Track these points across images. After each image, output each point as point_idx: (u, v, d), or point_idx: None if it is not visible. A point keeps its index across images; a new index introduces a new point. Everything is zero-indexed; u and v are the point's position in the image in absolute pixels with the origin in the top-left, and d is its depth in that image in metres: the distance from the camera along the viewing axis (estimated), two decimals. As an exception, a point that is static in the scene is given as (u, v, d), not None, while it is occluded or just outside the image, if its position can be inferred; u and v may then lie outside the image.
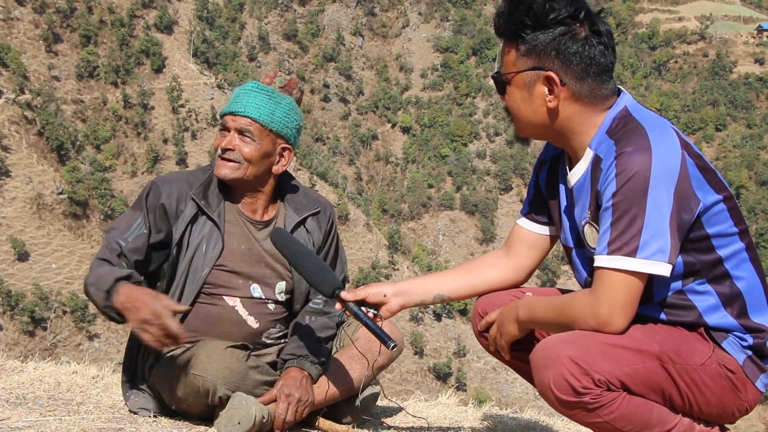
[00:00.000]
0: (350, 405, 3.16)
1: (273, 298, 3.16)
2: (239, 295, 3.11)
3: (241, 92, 3.12)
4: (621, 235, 2.21)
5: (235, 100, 3.10)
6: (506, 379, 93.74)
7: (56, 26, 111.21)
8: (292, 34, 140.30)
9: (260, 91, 3.09)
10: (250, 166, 3.06)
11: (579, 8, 2.33)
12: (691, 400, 2.29)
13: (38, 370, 3.78)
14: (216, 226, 3.07)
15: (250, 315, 3.12)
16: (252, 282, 3.12)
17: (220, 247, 3.06)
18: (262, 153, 3.08)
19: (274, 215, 3.19)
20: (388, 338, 2.58)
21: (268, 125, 3.07)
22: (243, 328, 3.11)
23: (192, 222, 3.06)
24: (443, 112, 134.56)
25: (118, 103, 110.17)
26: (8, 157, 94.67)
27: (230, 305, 3.10)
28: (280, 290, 3.17)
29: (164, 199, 3.04)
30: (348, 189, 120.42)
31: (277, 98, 3.11)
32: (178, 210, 3.05)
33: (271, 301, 3.16)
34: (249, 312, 3.12)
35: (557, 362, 2.21)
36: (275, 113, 3.08)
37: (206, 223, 3.07)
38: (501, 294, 2.71)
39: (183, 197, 3.07)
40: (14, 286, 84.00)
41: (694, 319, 2.34)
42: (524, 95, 2.40)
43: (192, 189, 3.09)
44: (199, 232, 3.06)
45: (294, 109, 3.15)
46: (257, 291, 3.13)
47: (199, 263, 3.05)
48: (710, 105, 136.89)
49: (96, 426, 2.94)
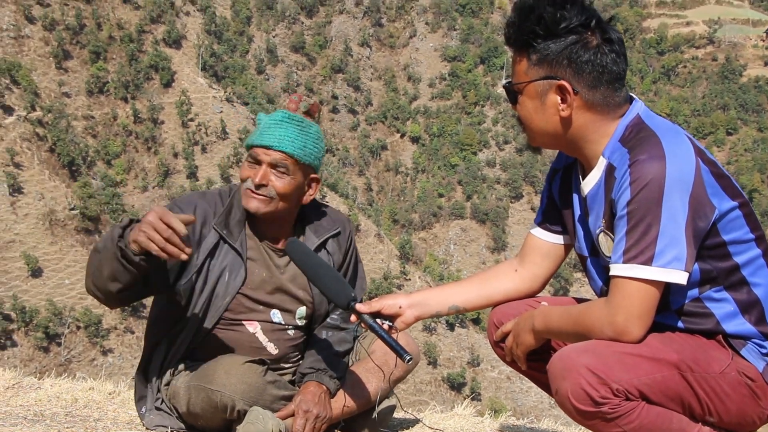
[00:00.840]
0: (367, 418, 3.15)
1: (293, 324, 3.15)
2: (259, 319, 3.10)
3: (271, 123, 3.04)
4: (636, 243, 2.20)
5: (267, 132, 3.02)
6: (521, 389, 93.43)
7: (66, 43, 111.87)
8: (300, 46, 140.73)
9: (291, 122, 3.02)
10: (281, 201, 3.01)
11: (590, 17, 2.32)
12: (711, 408, 2.27)
13: (55, 387, 3.79)
14: (239, 255, 3.04)
15: (269, 341, 3.11)
16: (272, 308, 3.12)
17: (242, 276, 3.04)
18: (295, 187, 3.03)
19: None
20: (403, 351, 2.58)
21: (301, 159, 3.01)
22: (262, 354, 3.09)
23: (213, 250, 3.03)
24: (452, 121, 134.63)
25: (128, 118, 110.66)
26: (20, 174, 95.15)
27: (250, 331, 3.10)
28: (300, 315, 3.16)
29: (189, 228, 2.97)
30: (358, 200, 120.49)
31: (306, 128, 3.05)
32: (201, 236, 3.02)
33: (290, 327, 3.15)
34: (269, 338, 3.11)
35: (575, 372, 2.20)
36: (307, 145, 3.03)
37: (228, 252, 3.04)
38: (516, 304, 2.70)
39: (206, 223, 3.03)
40: (28, 303, 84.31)
41: (712, 326, 2.32)
42: (536, 105, 2.40)
43: (214, 217, 3.05)
44: (221, 261, 3.03)
45: (321, 138, 3.11)
46: (277, 316, 3.12)
47: (221, 291, 3.03)
48: (720, 109, 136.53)
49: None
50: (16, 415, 3.27)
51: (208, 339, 3.07)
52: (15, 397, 3.60)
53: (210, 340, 3.08)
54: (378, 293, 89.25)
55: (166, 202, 27.87)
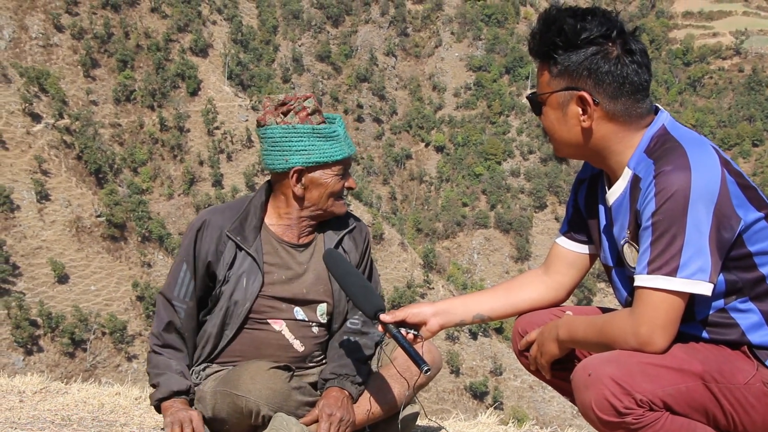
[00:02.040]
0: (391, 425, 3.17)
1: (316, 321, 3.21)
2: (284, 317, 3.16)
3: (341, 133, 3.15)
4: (661, 254, 2.20)
5: (344, 141, 3.15)
6: (543, 398, 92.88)
7: (94, 51, 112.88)
8: (326, 55, 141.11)
9: (341, 126, 3.16)
10: None
11: (611, 27, 2.33)
12: (736, 419, 2.26)
13: (82, 392, 3.83)
14: (254, 259, 3.12)
15: (296, 339, 3.17)
16: (295, 306, 3.17)
17: (260, 281, 3.11)
18: None
19: (313, 238, 3.24)
20: (423, 362, 2.60)
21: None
22: (289, 352, 3.16)
23: (233, 261, 3.12)
24: (477, 130, 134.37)
25: (154, 126, 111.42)
26: (48, 181, 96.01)
27: (276, 330, 3.15)
28: (321, 312, 3.22)
29: (204, 248, 3.12)
30: (382, 209, 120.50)
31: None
32: (218, 253, 3.12)
33: (314, 324, 3.20)
34: (295, 336, 3.17)
35: (599, 382, 2.20)
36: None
37: (245, 258, 3.12)
38: (541, 313, 2.70)
39: (221, 238, 3.13)
40: (54, 308, 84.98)
41: (737, 337, 2.32)
42: (559, 116, 2.41)
43: (227, 225, 3.14)
44: (239, 267, 3.12)
45: None
46: (300, 314, 3.18)
47: (240, 297, 3.10)
48: (746, 120, 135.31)
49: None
50: (43, 420, 3.31)
51: (236, 340, 3.14)
52: (43, 401, 3.64)
53: (238, 340, 3.14)
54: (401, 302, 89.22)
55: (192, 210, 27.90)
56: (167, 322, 3.12)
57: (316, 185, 3.13)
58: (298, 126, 3.09)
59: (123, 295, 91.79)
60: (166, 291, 3.15)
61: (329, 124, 3.14)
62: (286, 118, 3.12)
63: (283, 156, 3.11)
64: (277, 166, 3.13)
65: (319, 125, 3.11)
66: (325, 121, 3.15)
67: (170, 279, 3.16)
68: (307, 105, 3.13)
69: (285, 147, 3.10)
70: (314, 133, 3.10)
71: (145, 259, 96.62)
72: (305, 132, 3.09)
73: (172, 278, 3.15)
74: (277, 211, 3.20)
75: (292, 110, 3.12)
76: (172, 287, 3.13)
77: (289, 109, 3.13)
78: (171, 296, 3.13)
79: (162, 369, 3.08)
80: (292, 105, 3.13)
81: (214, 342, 3.13)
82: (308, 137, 3.10)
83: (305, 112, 3.12)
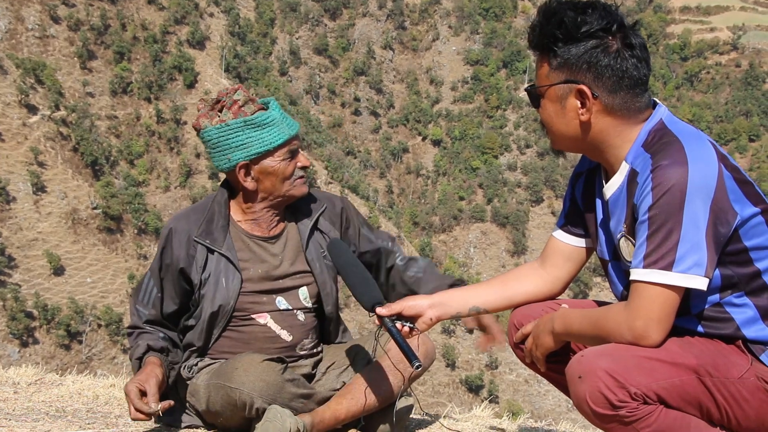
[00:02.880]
0: (385, 416, 3.17)
1: (300, 306, 3.21)
2: (267, 309, 3.16)
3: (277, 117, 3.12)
4: (657, 248, 2.20)
5: (282, 123, 3.12)
6: (538, 392, 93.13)
7: (90, 43, 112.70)
8: (323, 48, 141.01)
9: (278, 108, 3.15)
10: None
11: (611, 21, 2.32)
12: (729, 413, 2.27)
13: (77, 384, 3.83)
14: (227, 259, 3.12)
15: (282, 329, 3.17)
16: (276, 296, 3.18)
17: (239, 278, 3.12)
18: None
19: (283, 227, 3.24)
20: (414, 357, 2.60)
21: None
22: (277, 342, 3.17)
23: (205, 263, 3.12)
24: (474, 124, 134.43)
25: (151, 118, 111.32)
26: (44, 172, 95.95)
27: (262, 323, 3.16)
28: (304, 296, 3.22)
29: (175, 255, 3.13)
30: (379, 202, 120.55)
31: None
32: (189, 258, 3.12)
33: (299, 311, 3.21)
34: (281, 326, 3.17)
35: (593, 375, 2.20)
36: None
37: (219, 259, 3.12)
38: (537, 306, 2.71)
39: (190, 244, 3.13)
40: (50, 300, 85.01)
41: (732, 331, 2.32)
42: (557, 108, 2.41)
43: (194, 230, 3.14)
44: (214, 269, 3.12)
45: None
46: (283, 303, 3.18)
47: (223, 298, 3.10)
48: (743, 115, 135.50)
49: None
50: (38, 411, 3.31)
51: (223, 338, 3.16)
52: (37, 393, 3.64)
53: (225, 339, 3.16)
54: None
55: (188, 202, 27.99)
56: (136, 319, 3.18)
57: (266, 174, 3.11)
58: (230, 122, 3.07)
59: (119, 288, 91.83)
60: (134, 296, 3.22)
61: (264, 111, 3.12)
62: (221, 115, 3.10)
63: (225, 155, 3.10)
64: (223, 166, 3.13)
65: (253, 115, 3.08)
66: (263, 107, 3.13)
67: (139, 285, 3.22)
68: (237, 97, 3.10)
69: (224, 146, 3.09)
70: (248, 125, 3.08)
71: (141, 251, 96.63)
72: (238, 126, 3.07)
73: (141, 284, 3.21)
74: (240, 206, 3.20)
75: (225, 106, 3.11)
76: (140, 294, 3.19)
77: (222, 106, 3.11)
78: (136, 301, 3.19)
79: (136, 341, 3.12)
80: (224, 101, 3.12)
81: (203, 343, 3.14)
82: (242, 130, 3.08)
83: (237, 105, 3.09)
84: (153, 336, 3.12)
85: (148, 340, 3.09)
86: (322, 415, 3.01)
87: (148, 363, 3.01)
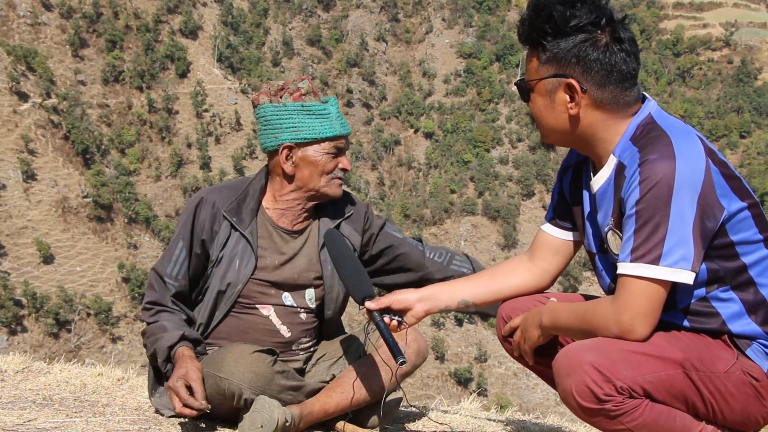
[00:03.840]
0: (373, 410, 3.17)
1: (304, 306, 3.21)
2: (272, 302, 3.17)
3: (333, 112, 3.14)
4: (644, 242, 2.21)
5: (336, 120, 3.14)
6: (527, 385, 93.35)
7: (82, 31, 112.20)
8: (316, 39, 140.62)
9: (334, 105, 3.15)
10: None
11: (600, 15, 2.33)
12: (715, 407, 2.28)
13: (64, 372, 3.82)
14: (248, 243, 3.12)
15: (283, 324, 3.18)
16: (284, 292, 3.18)
17: (253, 264, 3.12)
18: None
19: (308, 225, 3.24)
20: (399, 353, 2.60)
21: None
22: (275, 337, 3.17)
23: (226, 241, 3.12)
24: (466, 117, 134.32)
25: (142, 107, 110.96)
26: (35, 160, 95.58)
27: (264, 314, 3.17)
28: (309, 297, 3.22)
29: (200, 225, 3.12)
30: (370, 194, 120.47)
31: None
32: (213, 232, 3.12)
33: (302, 310, 3.21)
34: (282, 321, 3.18)
35: (579, 369, 2.21)
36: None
37: (240, 240, 3.13)
38: (525, 299, 2.71)
39: (217, 217, 3.13)
40: (39, 289, 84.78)
41: (718, 326, 2.33)
42: (546, 102, 2.42)
43: (225, 205, 3.14)
44: (232, 248, 3.12)
45: None
46: (289, 299, 3.19)
47: (233, 278, 3.11)
48: (734, 112, 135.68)
49: (121, 427, 2.98)
50: (25, 399, 3.30)
51: (223, 323, 3.16)
52: (24, 381, 3.63)
53: (225, 323, 3.16)
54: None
55: (179, 192, 27.84)
56: (159, 294, 3.11)
57: (307, 163, 3.13)
58: (288, 104, 3.12)
59: (108, 277, 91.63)
60: (159, 268, 3.14)
61: (322, 104, 3.15)
62: (282, 98, 3.14)
63: (274, 134, 3.13)
64: (268, 145, 3.15)
65: (311, 103, 3.12)
66: (321, 101, 3.16)
67: (165, 256, 3.15)
68: (301, 86, 3.15)
69: (276, 125, 3.12)
70: (303, 110, 3.11)
71: (131, 240, 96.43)
72: (295, 109, 3.11)
73: (167, 255, 3.14)
74: (273, 194, 3.20)
75: (288, 92, 3.15)
76: (166, 265, 3.12)
77: (285, 92, 3.16)
78: (163, 273, 3.12)
79: (159, 331, 3.04)
80: (288, 87, 3.16)
81: (205, 323, 3.15)
82: (298, 114, 3.11)
83: (299, 92, 3.14)
84: (176, 318, 3.08)
85: (176, 325, 3.05)
86: (311, 407, 3.02)
87: (185, 357, 2.97)
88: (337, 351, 3.26)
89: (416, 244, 3.41)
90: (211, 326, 3.15)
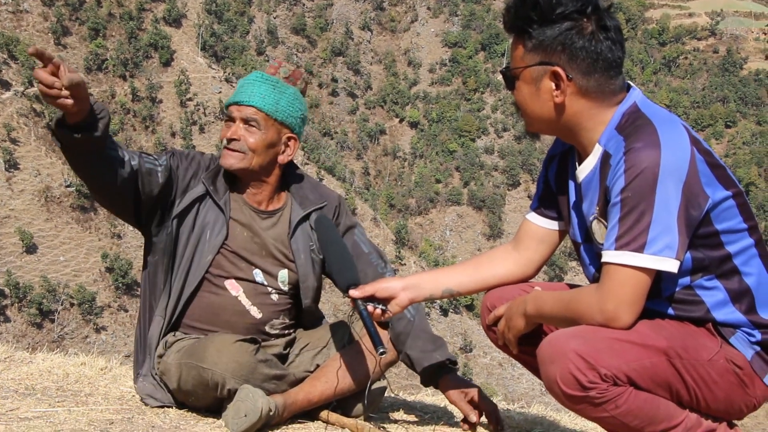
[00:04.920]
0: (359, 399, 3.16)
1: (276, 287, 3.19)
2: (242, 277, 3.14)
3: (245, 83, 3.15)
4: (629, 230, 2.20)
5: (240, 90, 3.14)
6: (512, 375, 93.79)
7: (65, 19, 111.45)
8: (301, 28, 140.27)
9: (265, 81, 3.13)
10: (255, 155, 3.10)
11: (586, 3, 2.32)
12: (699, 395, 2.29)
13: (47, 362, 3.79)
14: (221, 211, 3.12)
15: (253, 305, 3.16)
16: (254, 267, 3.17)
17: (224, 233, 3.11)
18: (267, 142, 3.11)
19: (280, 206, 3.23)
20: (379, 343, 2.60)
21: (272, 114, 3.10)
22: (246, 318, 3.15)
23: (198, 202, 3.11)
24: (451, 107, 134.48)
25: (126, 96, 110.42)
26: (17, 149, 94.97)
27: (233, 295, 3.14)
28: (282, 278, 3.20)
29: (181, 170, 3.11)
30: (355, 183, 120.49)
31: (282, 88, 3.14)
32: (189, 185, 3.12)
33: (274, 291, 3.19)
34: (252, 302, 3.16)
35: (564, 357, 2.21)
36: (280, 102, 3.12)
37: (212, 208, 3.12)
38: (510, 288, 2.71)
39: (196, 175, 3.14)
40: (22, 279, 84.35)
41: (702, 314, 2.33)
42: (532, 90, 2.41)
43: (204, 172, 3.15)
44: (204, 217, 3.11)
45: (298, 99, 3.19)
46: (259, 276, 3.17)
47: (204, 248, 3.10)
48: (720, 101, 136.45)
49: (104, 417, 2.96)
50: (7, 388, 3.28)
51: (194, 303, 3.13)
52: (6, 370, 3.60)
53: (196, 304, 3.13)
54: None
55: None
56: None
57: None
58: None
59: (92, 266, 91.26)
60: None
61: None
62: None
63: None
64: None
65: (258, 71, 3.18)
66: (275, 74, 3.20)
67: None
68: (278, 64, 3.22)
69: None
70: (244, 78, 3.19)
71: (114, 230, 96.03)
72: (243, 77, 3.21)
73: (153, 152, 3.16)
74: None
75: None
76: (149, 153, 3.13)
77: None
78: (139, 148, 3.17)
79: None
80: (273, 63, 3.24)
81: (176, 299, 3.11)
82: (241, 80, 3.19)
83: (272, 67, 3.19)
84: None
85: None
86: (295, 396, 3.01)
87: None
88: (321, 340, 3.24)
89: (378, 264, 3.29)
90: (181, 302, 3.11)
